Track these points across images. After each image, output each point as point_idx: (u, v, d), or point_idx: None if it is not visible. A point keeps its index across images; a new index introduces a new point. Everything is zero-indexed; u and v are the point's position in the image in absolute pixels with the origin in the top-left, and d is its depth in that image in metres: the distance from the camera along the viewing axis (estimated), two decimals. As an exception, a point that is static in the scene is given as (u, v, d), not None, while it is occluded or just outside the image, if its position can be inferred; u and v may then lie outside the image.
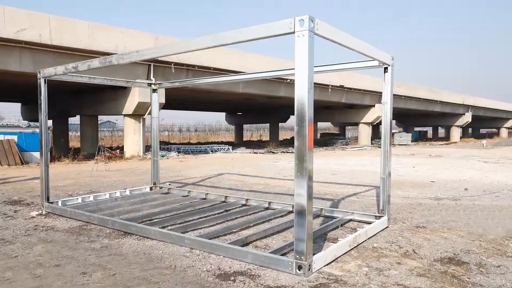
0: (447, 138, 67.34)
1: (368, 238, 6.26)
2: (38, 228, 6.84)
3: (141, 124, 23.60)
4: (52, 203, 8.26)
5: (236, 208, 8.46)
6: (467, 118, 57.45)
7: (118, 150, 25.34)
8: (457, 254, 5.61)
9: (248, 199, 8.86)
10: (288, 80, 28.99)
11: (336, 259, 5.29)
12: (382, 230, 6.78)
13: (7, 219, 7.49)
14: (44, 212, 7.99)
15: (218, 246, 5.39)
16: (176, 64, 22.13)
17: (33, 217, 7.68)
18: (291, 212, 8.01)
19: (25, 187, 11.54)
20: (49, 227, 6.91)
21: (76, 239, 6.16)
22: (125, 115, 23.52)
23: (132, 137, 23.51)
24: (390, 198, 7.45)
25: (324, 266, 5.01)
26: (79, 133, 34.55)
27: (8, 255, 5.38)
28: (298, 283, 4.46)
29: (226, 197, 9.17)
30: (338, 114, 45.01)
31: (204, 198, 9.41)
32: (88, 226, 6.96)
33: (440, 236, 6.56)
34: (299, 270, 4.65)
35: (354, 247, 5.80)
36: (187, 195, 9.79)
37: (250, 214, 7.94)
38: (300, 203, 4.61)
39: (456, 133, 59.28)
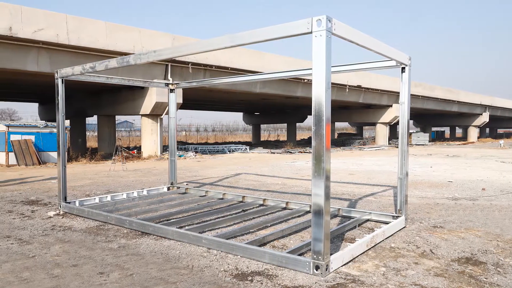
0: (464, 138, 66.77)
1: (386, 238, 6.24)
2: (55, 228, 6.90)
3: (159, 124, 23.73)
4: (69, 203, 8.34)
5: (253, 208, 8.47)
6: (484, 118, 56.95)
7: (135, 150, 25.55)
8: (475, 254, 5.58)
9: (265, 199, 8.86)
10: (305, 80, 28.96)
11: (353, 259, 5.27)
12: (400, 230, 6.76)
13: (24, 219, 7.57)
14: (61, 212, 8.06)
15: (235, 246, 5.40)
16: (193, 64, 22.22)
17: (50, 217, 7.74)
18: (308, 212, 8.00)
19: (43, 187, 11.67)
20: (67, 227, 6.97)
21: (93, 239, 6.21)
22: (142, 115, 23.67)
23: (149, 137, 23.67)
24: (408, 198, 7.40)
25: (342, 266, 4.99)
26: (96, 133, 34.83)
27: (26, 255, 5.43)
28: (315, 283, 4.45)
29: (243, 197, 9.18)
30: (356, 114, 44.87)
31: (222, 198, 9.44)
32: (106, 226, 7.01)
33: (458, 236, 6.51)
34: (316, 270, 4.65)
35: (371, 247, 5.78)
36: (205, 195, 9.82)
37: (267, 214, 7.94)
38: (318, 203, 4.61)
39: (473, 133, 58.80)
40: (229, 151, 30.28)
